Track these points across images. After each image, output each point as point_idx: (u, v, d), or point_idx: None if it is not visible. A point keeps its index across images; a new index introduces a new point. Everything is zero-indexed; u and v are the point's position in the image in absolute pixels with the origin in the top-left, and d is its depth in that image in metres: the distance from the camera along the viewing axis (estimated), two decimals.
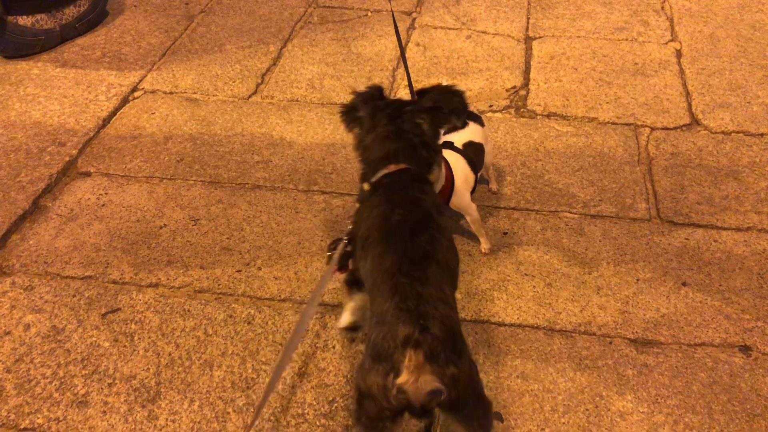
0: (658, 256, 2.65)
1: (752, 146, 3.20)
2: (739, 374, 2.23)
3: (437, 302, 1.61)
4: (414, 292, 1.61)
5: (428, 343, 1.50)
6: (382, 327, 1.61)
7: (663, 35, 4.05)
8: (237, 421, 2.10)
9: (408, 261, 1.71)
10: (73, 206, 2.92)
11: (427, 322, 1.54)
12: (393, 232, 1.82)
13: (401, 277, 1.66)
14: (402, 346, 1.51)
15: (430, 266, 1.71)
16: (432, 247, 1.77)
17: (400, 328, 1.53)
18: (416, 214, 1.88)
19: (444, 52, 3.93)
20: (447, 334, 1.56)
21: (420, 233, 1.80)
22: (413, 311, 1.56)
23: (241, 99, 3.59)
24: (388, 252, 1.77)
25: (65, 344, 2.34)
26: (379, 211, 1.92)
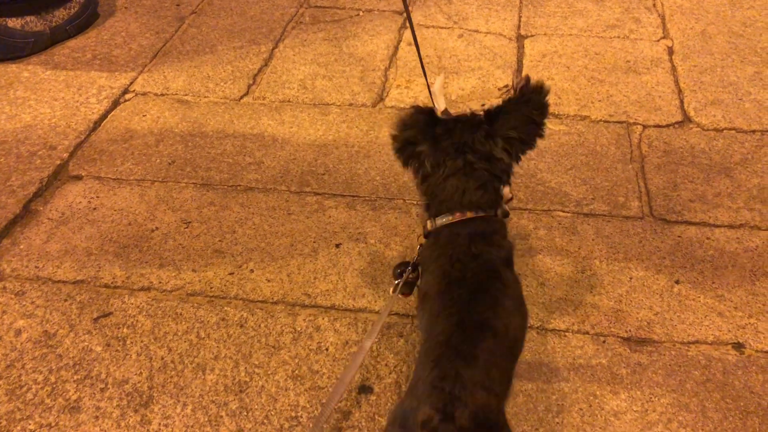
0: (650, 254, 2.65)
1: (744, 143, 3.20)
2: (733, 372, 2.23)
3: (477, 389, 1.45)
4: (453, 372, 1.46)
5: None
6: (412, 399, 1.52)
7: (655, 32, 4.05)
8: (230, 424, 2.10)
9: (460, 332, 1.55)
10: (65, 210, 2.91)
11: (455, 410, 1.39)
12: (450, 291, 1.65)
13: (447, 349, 1.52)
14: (420, 428, 1.39)
15: (485, 340, 1.54)
16: (492, 313, 1.61)
17: (422, 409, 1.41)
18: (478, 270, 1.69)
19: (436, 51, 3.92)
20: (478, 427, 1.40)
21: (481, 295, 1.63)
22: (446, 393, 1.42)
23: (232, 100, 3.58)
24: (441, 315, 1.62)
25: (57, 349, 2.33)
26: (439, 263, 1.74)
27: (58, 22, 3.98)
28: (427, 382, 1.47)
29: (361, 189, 2.98)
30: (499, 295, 1.65)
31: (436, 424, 1.38)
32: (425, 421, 1.39)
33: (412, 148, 1.82)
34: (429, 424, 1.38)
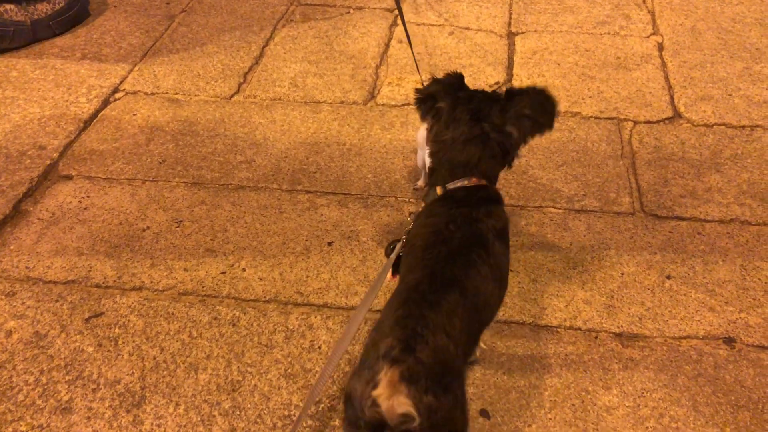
0: (642, 250, 2.66)
1: (734, 138, 3.22)
2: (724, 366, 2.24)
3: (439, 331, 1.54)
4: (419, 313, 1.56)
5: (408, 364, 1.45)
6: (376, 333, 1.59)
7: (645, 29, 4.06)
8: (223, 424, 2.09)
9: (429, 281, 1.65)
10: (55, 210, 2.89)
11: (416, 344, 1.48)
12: (433, 248, 1.74)
13: (415, 294, 1.62)
14: (382, 358, 1.46)
15: (451, 293, 1.63)
16: (464, 273, 1.69)
17: (385, 340, 1.49)
18: (467, 234, 1.78)
19: (427, 48, 3.92)
20: (436, 363, 1.49)
21: (459, 256, 1.72)
22: (408, 329, 1.51)
23: (223, 99, 3.57)
24: (417, 267, 1.72)
25: (48, 350, 2.32)
26: (434, 220, 1.85)
27: (41, 15, 3.93)
28: (392, 319, 1.56)
29: (353, 187, 2.98)
30: (477, 260, 1.73)
31: (397, 353, 1.45)
32: (387, 350, 1.46)
33: (433, 102, 1.94)
34: (390, 352, 1.45)
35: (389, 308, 1.65)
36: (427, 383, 1.46)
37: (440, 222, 1.82)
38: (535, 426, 2.07)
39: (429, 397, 1.46)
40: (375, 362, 1.49)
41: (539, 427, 2.07)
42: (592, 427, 2.06)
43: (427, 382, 1.46)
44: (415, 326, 1.52)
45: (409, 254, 1.83)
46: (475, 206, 1.86)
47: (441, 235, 1.78)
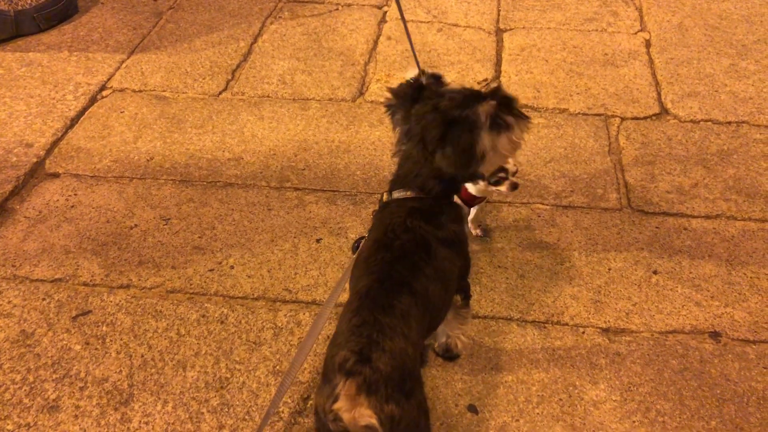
0: (629, 245, 2.67)
1: (720, 134, 3.24)
2: (709, 360, 2.26)
3: (395, 334, 1.53)
4: (372, 318, 1.55)
5: (365, 375, 1.43)
6: (333, 347, 1.58)
7: (632, 25, 4.08)
8: (211, 421, 2.09)
9: (379, 285, 1.65)
10: (42, 208, 2.88)
11: (372, 353, 1.47)
12: (376, 256, 1.75)
13: (367, 300, 1.61)
14: (338, 371, 1.45)
15: (402, 296, 1.63)
16: (411, 275, 1.69)
17: (340, 352, 1.48)
18: (407, 241, 1.77)
19: (415, 45, 3.91)
20: (394, 370, 1.48)
21: (402, 259, 1.72)
22: (363, 337, 1.50)
23: (211, 96, 3.56)
24: (365, 275, 1.71)
25: (35, 349, 2.31)
26: (375, 232, 1.85)
27: (25, 6, 3.89)
28: (347, 329, 1.55)
29: (342, 184, 2.98)
30: (421, 263, 1.72)
31: (351, 365, 1.43)
32: (341, 362, 1.44)
33: (392, 111, 1.94)
34: (345, 365, 1.43)
35: (343, 319, 1.63)
36: (387, 392, 1.45)
37: (380, 231, 1.81)
38: (523, 421, 2.08)
39: (390, 405, 1.45)
40: (333, 376, 1.47)
41: (527, 422, 2.08)
42: (579, 422, 2.08)
43: (387, 391, 1.45)
44: (370, 333, 1.51)
45: (355, 266, 1.82)
46: (407, 216, 1.81)
47: (382, 242, 1.78)
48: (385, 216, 1.86)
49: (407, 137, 1.85)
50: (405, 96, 1.89)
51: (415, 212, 1.83)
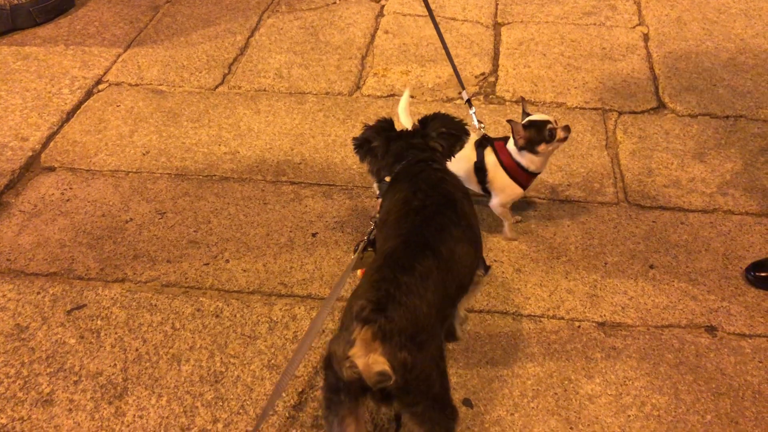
0: (625, 240, 2.66)
1: (718, 129, 3.23)
2: (705, 354, 2.25)
3: (412, 294, 1.61)
4: (392, 276, 1.62)
5: (380, 323, 1.50)
6: (354, 299, 1.65)
7: (630, 19, 4.06)
8: (206, 415, 2.09)
9: (404, 248, 1.73)
10: (37, 202, 2.87)
11: (389, 305, 1.54)
12: (407, 218, 1.85)
13: (390, 260, 1.70)
14: (354, 319, 1.51)
15: (425, 258, 1.70)
16: (438, 238, 1.77)
17: (358, 302, 1.54)
18: (437, 198, 1.90)
19: (413, 39, 3.91)
20: (408, 322, 1.55)
21: (431, 220, 1.82)
22: (382, 291, 1.58)
23: (207, 90, 3.54)
24: (393, 235, 1.80)
25: (29, 342, 2.30)
26: (401, 195, 1.96)
27: (21, 0, 3.88)
28: (367, 283, 1.64)
29: (338, 178, 2.97)
30: (448, 223, 1.83)
31: (368, 313, 1.50)
32: (359, 311, 1.51)
33: (369, 145, 2.19)
34: (362, 313, 1.50)
35: (366, 276, 1.71)
36: (401, 340, 1.52)
37: (408, 194, 1.92)
38: (518, 415, 2.08)
39: (403, 353, 1.52)
40: (350, 323, 1.53)
41: (522, 416, 2.07)
42: (574, 416, 2.07)
43: (401, 339, 1.52)
44: (388, 288, 1.59)
45: (383, 228, 1.91)
46: (427, 168, 2.02)
47: (413, 204, 1.87)
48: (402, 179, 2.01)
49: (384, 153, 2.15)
50: (383, 128, 2.20)
51: (431, 162, 2.06)
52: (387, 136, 2.18)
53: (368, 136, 2.19)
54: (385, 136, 2.18)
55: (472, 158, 2.55)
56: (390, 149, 2.14)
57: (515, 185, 2.52)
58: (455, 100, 3.43)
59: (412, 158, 2.08)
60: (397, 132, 2.21)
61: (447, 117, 2.22)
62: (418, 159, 2.08)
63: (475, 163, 2.55)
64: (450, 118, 2.22)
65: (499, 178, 2.53)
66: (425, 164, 2.06)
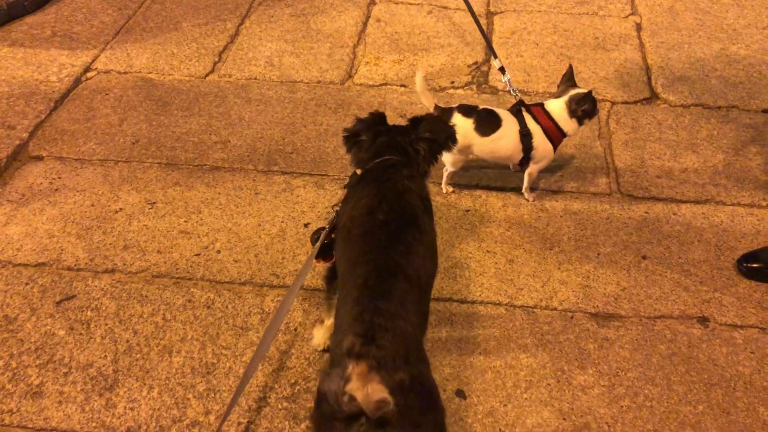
0: (618, 230, 2.66)
1: (710, 119, 3.22)
2: (697, 345, 2.26)
3: (395, 317, 1.63)
4: (372, 306, 1.63)
5: (372, 354, 1.52)
6: (338, 335, 1.67)
7: (623, 9, 4.05)
8: (197, 406, 2.07)
9: (376, 275, 1.73)
10: (25, 191, 2.83)
11: (376, 333, 1.56)
12: (372, 236, 1.83)
13: (365, 289, 1.70)
14: (347, 356, 1.53)
15: (398, 282, 1.73)
16: (406, 260, 1.79)
17: (346, 338, 1.56)
18: (400, 215, 1.89)
19: (405, 27, 3.88)
20: (398, 345, 1.58)
21: (397, 242, 1.82)
22: (366, 322, 1.59)
23: (197, 78, 3.50)
24: (361, 261, 1.79)
25: (18, 334, 2.28)
26: (365, 202, 1.94)
27: None
28: (350, 317, 1.64)
29: (330, 167, 2.95)
30: (414, 243, 1.85)
31: (359, 348, 1.52)
32: (350, 348, 1.53)
33: (357, 138, 2.20)
34: (353, 349, 1.53)
35: (344, 308, 1.71)
36: (395, 363, 1.54)
37: (372, 202, 1.92)
38: (511, 406, 2.08)
39: (400, 374, 1.53)
40: (341, 359, 1.55)
41: (515, 407, 2.07)
42: (567, 406, 2.07)
43: (395, 362, 1.54)
44: (371, 318, 1.60)
45: (349, 242, 1.89)
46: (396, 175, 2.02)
47: (377, 217, 1.87)
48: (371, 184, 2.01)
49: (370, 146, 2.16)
50: (374, 122, 2.21)
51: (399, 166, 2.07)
52: (376, 130, 2.19)
53: (358, 130, 2.21)
54: (374, 130, 2.19)
55: (515, 127, 2.62)
56: (374, 144, 2.16)
57: (551, 148, 2.65)
58: (447, 89, 3.41)
59: (386, 160, 2.09)
60: (387, 127, 2.23)
61: (437, 122, 2.28)
62: (392, 162, 2.08)
63: (520, 131, 2.62)
64: (439, 124, 2.26)
65: (543, 143, 2.63)
66: (395, 169, 2.05)
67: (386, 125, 2.23)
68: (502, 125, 2.60)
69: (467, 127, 2.59)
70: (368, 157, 2.12)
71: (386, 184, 1.99)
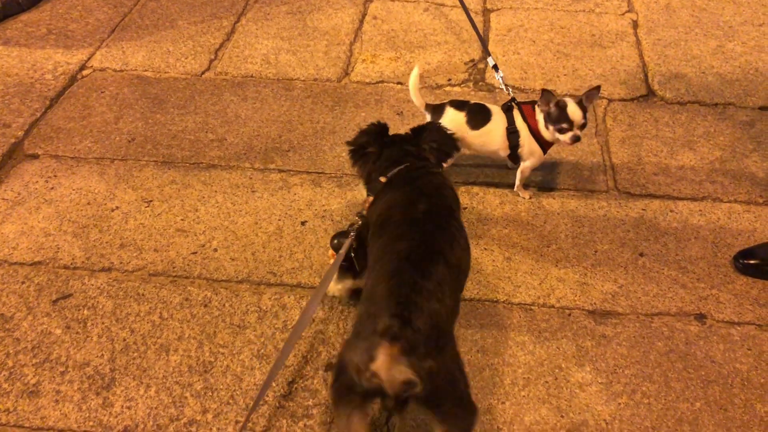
0: (615, 228, 2.66)
1: (707, 116, 3.23)
2: (695, 342, 2.26)
3: (431, 297, 1.62)
4: (411, 281, 1.63)
5: (407, 337, 1.51)
6: (370, 305, 1.66)
7: (620, 6, 4.05)
8: (195, 405, 2.07)
9: (420, 252, 1.73)
10: (20, 190, 2.82)
11: (412, 313, 1.54)
12: (416, 221, 1.86)
13: (407, 263, 1.70)
14: (380, 335, 1.51)
15: (438, 264, 1.72)
16: (449, 247, 1.81)
17: (382, 318, 1.54)
18: (441, 207, 1.94)
19: (402, 25, 3.87)
20: (431, 329, 1.57)
21: (442, 229, 1.85)
22: (403, 299, 1.58)
23: (194, 76, 3.49)
24: (405, 236, 1.81)
25: (14, 333, 2.27)
26: (404, 196, 1.98)
27: None
28: (385, 288, 1.64)
29: (327, 165, 2.95)
30: (456, 235, 1.89)
31: (396, 330, 1.51)
32: (385, 328, 1.52)
33: (363, 150, 2.24)
34: (389, 331, 1.51)
35: (379, 276, 1.70)
36: (425, 349, 1.53)
37: (412, 196, 1.95)
38: (509, 403, 2.08)
39: (429, 361, 1.53)
40: (372, 336, 1.54)
41: (513, 405, 2.07)
42: (565, 404, 2.07)
43: (426, 348, 1.53)
44: (409, 293, 1.59)
45: (389, 225, 1.90)
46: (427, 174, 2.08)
47: (419, 207, 1.89)
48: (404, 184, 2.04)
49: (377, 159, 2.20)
50: (378, 133, 2.25)
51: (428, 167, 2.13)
52: (381, 142, 2.23)
53: (363, 142, 2.24)
54: (379, 142, 2.23)
55: (503, 123, 2.63)
56: (383, 154, 2.19)
57: (538, 147, 2.63)
58: (444, 86, 3.41)
59: (411, 164, 2.13)
60: (390, 137, 2.26)
61: (440, 130, 2.30)
62: (417, 165, 2.13)
63: (507, 128, 2.62)
64: (442, 133, 2.29)
65: (528, 142, 2.62)
66: (424, 170, 2.11)
67: (389, 136, 2.27)
68: (491, 120, 2.62)
69: (459, 121, 2.62)
70: (387, 165, 2.15)
71: (420, 180, 2.04)
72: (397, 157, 2.16)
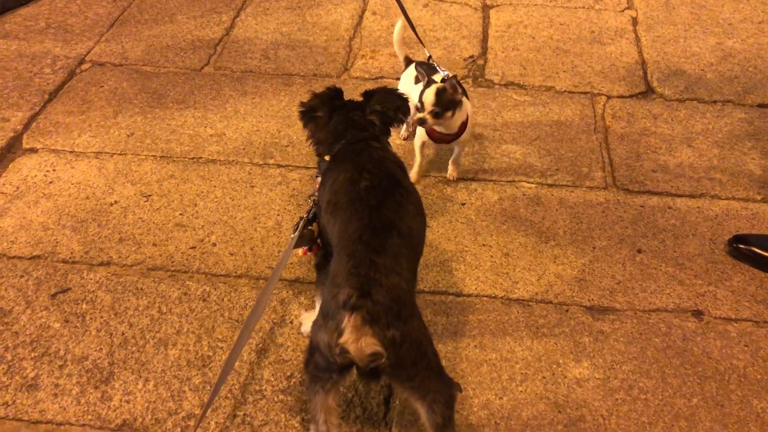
0: (613, 224, 2.67)
1: (705, 113, 3.23)
2: (692, 338, 2.27)
3: (389, 272, 1.67)
4: (367, 260, 1.67)
5: (367, 308, 1.56)
6: (332, 288, 1.69)
7: (619, 3, 4.05)
8: (193, 399, 2.07)
9: (371, 230, 1.77)
10: (19, 184, 2.82)
11: (372, 288, 1.59)
12: (361, 199, 1.87)
13: (360, 244, 1.73)
14: (342, 308, 1.57)
15: (391, 237, 1.77)
16: (397, 216, 1.84)
17: (341, 291, 1.59)
18: (383, 179, 1.93)
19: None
20: (392, 301, 1.61)
21: (387, 200, 1.87)
22: (362, 276, 1.63)
23: (193, 70, 3.49)
24: (353, 219, 1.83)
25: (13, 326, 2.27)
26: (346, 175, 1.97)
27: None
28: (345, 270, 1.67)
29: None
30: (403, 201, 1.92)
31: (355, 301, 1.56)
32: (346, 299, 1.57)
33: (313, 113, 2.20)
34: (349, 301, 1.57)
35: (339, 262, 1.74)
36: (387, 320, 1.58)
37: (354, 174, 1.94)
38: (507, 398, 2.08)
39: (391, 331, 1.58)
40: (337, 312, 1.59)
41: (510, 400, 2.08)
42: (562, 399, 2.08)
43: (388, 318, 1.59)
44: (367, 272, 1.64)
45: (338, 210, 1.92)
46: (368, 147, 2.07)
47: (361, 185, 1.90)
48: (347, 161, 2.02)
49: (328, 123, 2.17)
50: (330, 97, 2.21)
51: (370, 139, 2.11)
52: (332, 105, 2.20)
53: (314, 105, 2.21)
54: (329, 105, 2.20)
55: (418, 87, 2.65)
56: (330, 122, 2.17)
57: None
58: None
59: (351, 138, 2.11)
60: (342, 102, 2.23)
61: (389, 94, 2.24)
62: (358, 138, 2.11)
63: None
64: (391, 97, 2.24)
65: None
66: (365, 143, 2.09)
67: (342, 101, 2.24)
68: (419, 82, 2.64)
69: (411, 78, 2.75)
70: (331, 140, 2.14)
71: (361, 156, 2.03)
72: (341, 129, 2.14)
